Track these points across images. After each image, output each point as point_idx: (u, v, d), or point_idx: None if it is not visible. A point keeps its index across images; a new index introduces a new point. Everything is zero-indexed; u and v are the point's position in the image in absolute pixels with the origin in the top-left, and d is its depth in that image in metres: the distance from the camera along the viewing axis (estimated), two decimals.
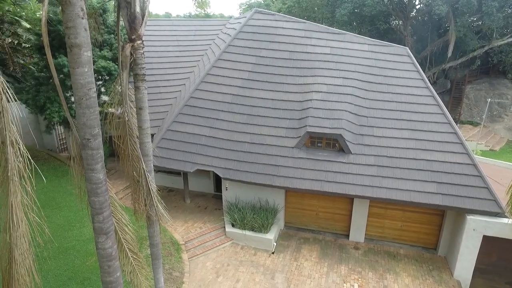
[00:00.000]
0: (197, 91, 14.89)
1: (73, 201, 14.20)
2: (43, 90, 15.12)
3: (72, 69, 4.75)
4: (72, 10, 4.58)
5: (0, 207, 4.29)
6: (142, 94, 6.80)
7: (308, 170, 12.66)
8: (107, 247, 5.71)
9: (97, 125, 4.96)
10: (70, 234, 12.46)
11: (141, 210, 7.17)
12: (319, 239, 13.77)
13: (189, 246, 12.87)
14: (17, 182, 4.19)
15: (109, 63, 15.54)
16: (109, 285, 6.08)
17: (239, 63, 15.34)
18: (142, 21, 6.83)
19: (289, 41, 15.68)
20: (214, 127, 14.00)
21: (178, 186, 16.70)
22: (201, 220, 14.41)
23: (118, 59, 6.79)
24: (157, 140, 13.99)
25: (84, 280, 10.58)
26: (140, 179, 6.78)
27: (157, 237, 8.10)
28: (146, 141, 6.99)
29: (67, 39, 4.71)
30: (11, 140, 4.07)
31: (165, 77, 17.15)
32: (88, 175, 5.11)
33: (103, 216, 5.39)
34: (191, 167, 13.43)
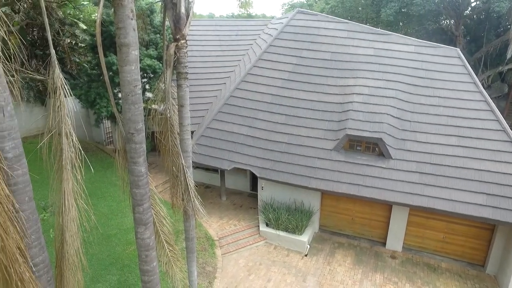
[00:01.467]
0: (237, 90, 15.10)
1: (116, 192, 15.00)
2: (94, 87, 16.13)
3: (120, 67, 5.03)
4: (123, 11, 4.84)
5: (54, 193, 4.66)
6: (184, 92, 7.03)
7: (345, 173, 12.38)
8: (146, 237, 5.97)
9: (141, 121, 5.21)
10: (112, 222, 13.18)
11: (179, 204, 7.42)
12: (354, 245, 13.42)
13: (223, 243, 13.09)
14: (69, 170, 4.53)
15: (154, 61, 16.23)
16: (146, 274, 6.36)
17: (280, 63, 15.34)
18: (186, 21, 7.06)
19: (331, 41, 15.42)
20: (252, 126, 14.13)
21: (215, 183, 17.05)
22: (236, 217, 14.61)
23: (163, 58, 7.08)
24: (197, 137, 14.38)
25: (123, 266, 11.14)
26: (179, 174, 7.02)
27: (192, 232, 8.33)
28: (186, 137, 7.22)
29: (117, 38, 4.99)
30: (66, 132, 4.41)
31: (207, 75, 17.57)
32: (131, 168, 5.38)
33: (143, 208, 5.64)
34: (228, 165, 13.66)
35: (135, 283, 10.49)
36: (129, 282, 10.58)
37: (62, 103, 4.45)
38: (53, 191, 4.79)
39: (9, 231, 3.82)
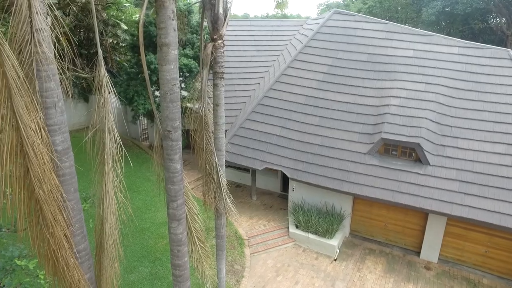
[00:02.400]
0: (271, 90, 15.12)
1: (150, 187, 15.52)
2: (133, 84, 16.77)
3: (160, 66, 5.18)
4: (165, 12, 4.99)
5: (96, 185, 4.90)
6: (220, 91, 7.14)
7: (379, 178, 12.02)
8: (178, 232, 6.12)
9: (178, 119, 5.35)
10: (146, 216, 13.64)
11: (210, 202, 7.54)
12: (386, 252, 12.99)
13: (252, 242, 13.15)
14: (111, 164, 4.75)
15: (190, 61, 16.62)
16: (178, 268, 6.51)
17: (315, 65, 15.18)
18: (224, 21, 7.15)
19: (368, 42, 15.05)
20: (285, 127, 14.08)
21: (246, 182, 17.17)
22: (266, 218, 14.63)
23: (200, 57, 7.22)
24: (230, 136, 14.55)
25: (155, 259, 11.50)
26: (211, 172, 7.14)
27: (223, 230, 8.44)
28: (220, 136, 7.32)
29: (158, 38, 5.15)
30: (109, 128, 4.63)
31: (241, 75, 17.73)
32: (167, 164, 5.54)
33: (177, 204, 5.79)
34: (260, 165, 13.70)
35: (165, 276, 10.79)
36: (160, 275, 10.90)
37: (106, 99, 4.67)
38: (95, 184, 5.04)
39: (58, 219, 4.07)
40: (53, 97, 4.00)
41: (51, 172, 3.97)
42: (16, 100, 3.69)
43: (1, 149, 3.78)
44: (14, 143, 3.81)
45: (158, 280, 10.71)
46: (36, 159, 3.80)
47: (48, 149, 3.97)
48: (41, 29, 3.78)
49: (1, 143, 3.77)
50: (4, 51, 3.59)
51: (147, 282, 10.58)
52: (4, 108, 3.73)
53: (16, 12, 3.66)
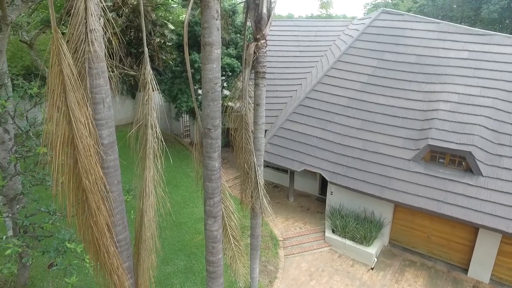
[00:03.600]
0: (312, 91, 14.89)
1: (189, 183, 15.94)
2: (177, 83, 17.33)
3: (203, 64, 5.28)
4: (209, 12, 5.06)
5: (138, 179, 5.11)
6: (261, 91, 7.13)
7: (424, 186, 11.38)
8: (214, 229, 6.20)
9: (219, 117, 5.41)
10: (184, 211, 14.03)
11: (247, 201, 7.57)
12: (428, 266, 12.27)
13: (287, 244, 13.04)
14: (152, 159, 4.92)
15: (233, 60, 16.84)
16: (212, 264, 6.61)
17: (359, 66, 14.72)
18: (267, 21, 7.14)
19: (417, 43, 14.30)
20: (326, 129, 13.80)
21: (284, 183, 17.07)
22: (302, 220, 14.44)
23: (242, 57, 7.26)
24: (269, 136, 14.53)
25: (191, 254, 11.78)
26: (250, 172, 7.16)
27: (258, 229, 8.44)
28: (260, 136, 7.32)
29: (202, 38, 5.24)
30: (151, 124, 4.80)
31: (283, 76, 17.65)
32: (206, 162, 5.63)
33: (214, 201, 5.86)
34: (298, 167, 13.55)
35: (200, 271, 11.02)
36: (195, 269, 11.15)
37: (150, 96, 4.85)
38: (136, 177, 5.24)
39: (101, 209, 4.30)
40: (102, 93, 4.22)
41: (96, 164, 4.19)
42: (70, 96, 3.93)
43: (56, 140, 4.04)
44: (66, 135, 4.07)
45: (192, 274, 10.97)
46: (84, 151, 4.03)
47: (95, 142, 4.20)
48: (94, 30, 3.99)
49: (56, 135, 4.04)
50: (62, 50, 3.84)
51: (182, 275, 10.88)
52: (60, 103, 3.99)
53: (74, 14, 3.90)
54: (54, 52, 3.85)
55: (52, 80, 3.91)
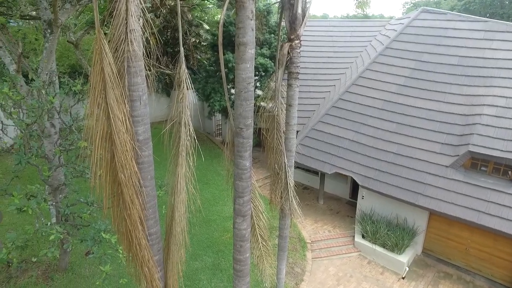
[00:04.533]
0: (346, 93, 14.60)
1: (219, 181, 16.16)
2: (211, 82, 17.62)
3: (236, 64, 5.32)
4: (244, 12, 5.10)
5: (170, 175, 5.25)
6: (294, 91, 7.09)
7: (463, 195, 10.81)
8: (243, 228, 6.23)
9: (251, 117, 5.44)
10: (213, 208, 14.24)
11: (277, 201, 7.55)
12: (466, 280, 11.63)
13: (315, 247, 12.88)
14: (184, 157, 5.04)
15: (266, 60, 16.87)
16: (239, 263, 6.65)
17: (396, 67, 14.24)
18: (302, 22, 7.08)
19: (460, 44, 13.60)
20: (359, 132, 13.48)
21: (314, 185, 16.88)
22: (331, 223, 14.20)
23: (276, 57, 7.25)
24: (301, 137, 14.42)
25: (218, 251, 11.94)
26: (280, 173, 7.14)
27: (286, 230, 8.40)
28: (291, 137, 7.28)
29: (236, 38, 5.28)
30: (185, 122, 4.91)
31: (316, 76, 17.44)
32: (237, 161, 5.67)
33: (244, 200, 5.90)
34: (329, 169, 13.34)
35: (227, 269, 11.13)
36: (222, 266, 11.29)
37: (184, 95, 4.97)
38: (169, 173, 5.39)
39: (135, 202, 4.46)
40: (139, 91, 4.37)
41: (132, 159, 4.35)
42: (109, 93, 4.11)
43: (95, 135, 4.25)
44: (105, 130, 4.26)
45: (219, 271, 11.11)
46: (120, 147, 4.20)
47: (131, 138, 4.36)
48: (134, 30, 4.15)
49: (96, 131, 4.24)
50: (104, 50, 4.03)
51: (209, 271, 11.05)
52: (100, 99, 4.18)
53: (116, 16, 4.07)
54: (97, 52, 4.05)
55: (94, 78, 4.11)
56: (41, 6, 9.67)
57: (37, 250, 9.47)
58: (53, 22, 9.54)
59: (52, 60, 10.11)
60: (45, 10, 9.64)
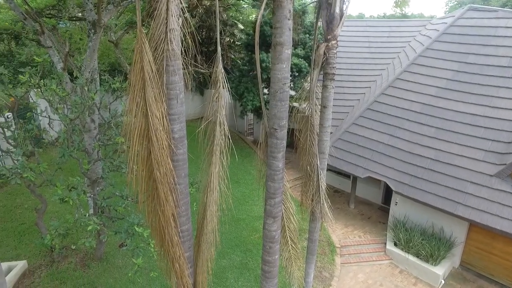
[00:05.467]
0: (382, 95, 14.14)
1: (250, 180, 16.20)
2: (244, 81, 17.71)
3: (272, 64, 5.27)
4: (282, 12, 5.04)
5: (203, 173, 5.31)
6: (329, 93, 6.94)
7: (510, 208, 10.10)
8: (273, 229, 6.19)
9: (285, 117, 5.38)
10: (243, 208, 14.29)
11: (307, 204, 7.43)
12: None
13: (344, 252, 12.59)
14: (218, 155, 5.07)
15: (301, 60, 16.70)
16: (267, 264, 6.60)
17: (437, 69, 13.59)
18: (339, 21, 6.91)
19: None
20: (395, 135, 13.00)
21: (345, 188, 16.51)
22: (362, 229, 13.82)
23: (311, 58, 7.13)
24: (334, 139, 14.14)
25: (247, 250, 11.96)
26: (312, 175, 7.02)
27: (316, 234, 8.25)
28: (325, 139, 7.13)
29: (273, 38, 5.24)
30: (220, 121, 4.94)
31: (351, 78, 17.04)
32: (269, 162, 5.63)
33: (275, 201, 5.85)
34: (362, 173, 12.98)
35: (254, 269, 11.13)
36: (249, 266, 11.29)
37: (220, 94, 4.99)
38: (202, 171, 5.44)
39: (168, 199, 4.54)
40: (176, 89, 4.44)
41: (167, 157, 4.42)
42: (148, 91, 4.20)
43: (133, 132, 4.36)
44: (142, 127, 4.37)
45: (247, 270, 11.13)
46: (157, 144, 4.29)
47: (167, 136, 4.44)
48: (173, 29, 4.21)
49: (133, 127, 4.36)
50: (144, 49, 4.13)
51: (237, 270, 11.10)
52: (139, 97, 4.29)
53: (157, 15, 4.16)
54: (138, 50, 4.15)
55: (134, 76, 4.22)
56: (87, 8, 10.16)
57: (76, 239, 9.96)
58: (96, 23, 9.99)
59: (95, 59, 10.59)
60: (90, 11, 10.12)
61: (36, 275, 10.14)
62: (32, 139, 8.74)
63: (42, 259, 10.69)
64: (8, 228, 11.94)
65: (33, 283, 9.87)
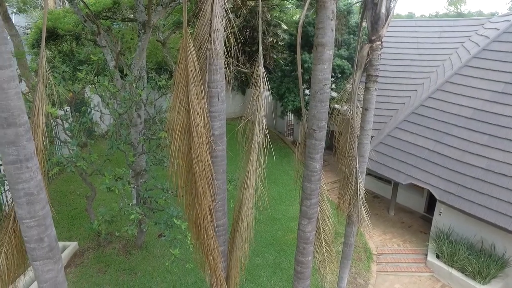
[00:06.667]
0: (430, 99, 13.46)
1: (287, 180, 16.17)
2: (285, 82, 17.71)
3: (313, 65, 5.26)
4: (325, 13, 5.01)
5: (240, 171, 5.43)
6: (371, 95, 6.77)
7: None
8: (307, 230, 6.17)
9: (325, 119, 5.34)
10: (279, 207, 14.31)
11: (344, 207, 7.30)
12: None
13: (381, 260, 12.17)
14: (256, 154, 5.16)
15: (343, 61, 16.38)
16: (300, 265, 6.59)
17: (493, 72, 12.68)
18: (385, 22, 6.71)
19: None
20: (441, 141, 12.33)
21: (385, 194, 15.94)
22: (401, 237, 13.27)
23: (354, 59, 6.99)
24: (375, 143, 13.71)
25: (280, 250, 11.97)
26: (350, 178, 6.89)
27: (352, 238, 8.08)
28: (365, 142, 6.97)
29: (315, 38, 5.22)
30: (259, 120, 5.02)
31: (396, 80, 16.40)
32: (307, 162, 5.62)
33: (311, 202, 5.82)
34: (404, 179, 12.46)
35: (287, 269, 11.11)
36: (282, 266, 11.30)
37: (260, 94, 5.07)
38: (239, 169, 5.56)
39: (206, 194, 4.70)
40: (218, 88, 4.58)
41: (206, 153, 4.58)
42: (191, 88, 4.38)
43: (176, 127, 4.57)
44: (184, 123, 4.56)
45: (280, 270, 11.14)
46: (197, 140, 4.46)
47: (207, 132, 4.60)
48: (217, 30, 4.35)
49: (176, 123, 4.56)
50: (189, 48, 4.31)
51: (269, 269, 11.15)
52: (182, 94, 4.48)
53: (202, 16, 4.33)
54: (183, 49, 4.34)
55: (178, 74, 4.42)
56: (138, 9, 10.75)
57: (120, 226, 10.57)
58: (146, 23, 10.52)
59: (143, 57, 11.16)
60: (141, 12, 10.69)
61: (85, 256, 10.96)
62: (85, 131, 9.41)
63: (90, 242, 11.50)
64: (63, 212, 12.98)
65: (82, 263, 10.67)
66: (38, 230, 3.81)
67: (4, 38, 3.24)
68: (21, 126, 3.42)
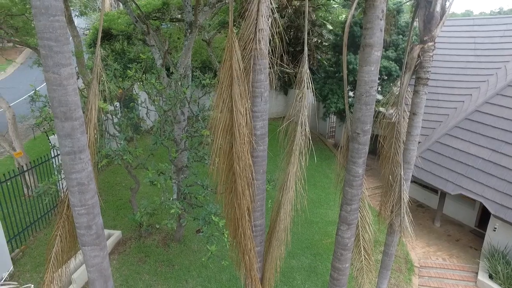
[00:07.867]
0: (486, 104, 12.50)
1: (327, 184, 15.85)
2: (329, 83, 17.37)
3: (360, 66, 5.08)
4: (374, 12, 4.82)
5: (281, 172, 5.39)
6: (420, 99, 6.42)
7: None
8: (346, 236, 5.99)
9: (370, 122, 5.15)
10: (317, 211, 14.06)
11: (386, 215, 7.00)
12: None
13: (424, 273, 11.51)
14: (297, 156, 5.10)
15: (391, 63, 15.72)
16: (337, 271, 6.42)
17: None
18: (439, 21, 6.32)
19: None
20: (499, 151, 11.40)
21: (430, 204, 15.08)
22: (447, 251, 12.46)
23: (403, 61, 6.67)
24: (422, 149, 13.01)
25: (317, 254, 11.75)
26: (394, 185, 6.58)
27: (393, 248, 7.72)
28: (412, 148, 6.62)
29: (362, 39, 5.04)
30: (301, 121, 4.95)
31: (448, 83, 15.43)
32: (349, 167, 5.45)
33: (351, 208, 5.64)
34: (453, 189, 11.69)
35: (322, 274, 10.87)
36: (318, 271, 11.08)
37: (304, 95, 4.99)
38: (279, 170, 5.52)
39: (245, 193, 4.72)
40: (261, 88, 4.58)
41: (247, 152, 4.60)
42: (235, 88, 4.42)
43: (218, 126, 4.63)
44: (227, 122, 4.61)
45: (315, 274, 10.94)
46: (239, 139, 4.48)
47: (249, 132, 4.61)
48: (262, 29, 4.35)
49: (219, 122, 4.62)
50: (234, 47, 4.34)
51: (305, 272, 10.98)
52: (226, 94, 4.53)
53: (248, 16, 4.34)
54: (228, 49, 4.38)
55: (222, 73, 4.47)
56: (185, 10, 11.08)
57: (160, 219, 10.99)
58: (193, 23, 10.82)
59: (189, 56, 11.48)
60: (188, 13, 11.01)
61: (127, 245, 11.52)
62: (132, 126, 9.87)
63: (132, 232, 12.07)
64: (110, 201, 13.74)
65: (125, 251, 11.22)
66: (87, 217, 4.05)
67: (67, 39, 3.50)
68: (77, 120, 3.66)
